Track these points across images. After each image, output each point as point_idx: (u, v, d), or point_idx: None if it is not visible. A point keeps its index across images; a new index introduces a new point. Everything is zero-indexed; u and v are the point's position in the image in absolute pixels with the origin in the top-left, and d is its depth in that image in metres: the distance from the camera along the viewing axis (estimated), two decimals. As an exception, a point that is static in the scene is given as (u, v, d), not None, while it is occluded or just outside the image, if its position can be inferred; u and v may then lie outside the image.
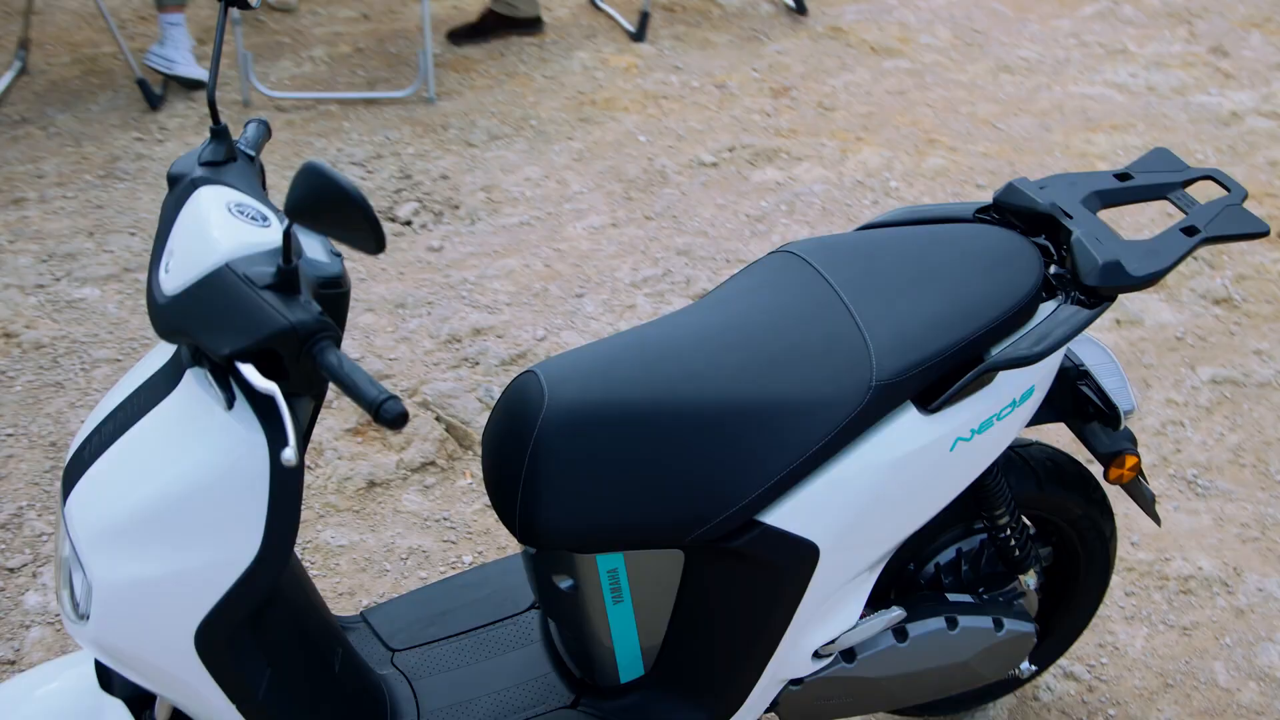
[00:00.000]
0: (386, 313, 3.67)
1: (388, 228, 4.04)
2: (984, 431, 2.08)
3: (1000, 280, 2.11)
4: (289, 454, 1.62)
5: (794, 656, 2.16)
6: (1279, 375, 3.45)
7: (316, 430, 3.30)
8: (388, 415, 1.57)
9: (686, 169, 4.27)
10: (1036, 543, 2.45)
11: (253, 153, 1.98)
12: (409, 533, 3.05)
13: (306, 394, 1.78)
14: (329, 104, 4.79)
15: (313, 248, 1.88)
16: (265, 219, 1.77)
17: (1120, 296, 3.66)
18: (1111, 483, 2.30)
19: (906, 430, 2.02)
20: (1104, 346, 2.36)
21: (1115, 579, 2.92)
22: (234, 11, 4.95)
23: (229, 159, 1.92)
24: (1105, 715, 2.67)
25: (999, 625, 2.32)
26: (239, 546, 1.79)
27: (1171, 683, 2.71)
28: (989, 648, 2.32)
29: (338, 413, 3.36)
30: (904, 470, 2.03)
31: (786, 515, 2.01)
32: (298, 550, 2.97)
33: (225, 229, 1.75)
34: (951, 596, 2.34)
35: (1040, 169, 4.20)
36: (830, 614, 2.16)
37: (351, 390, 1.61)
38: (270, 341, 1.66)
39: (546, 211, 4.10)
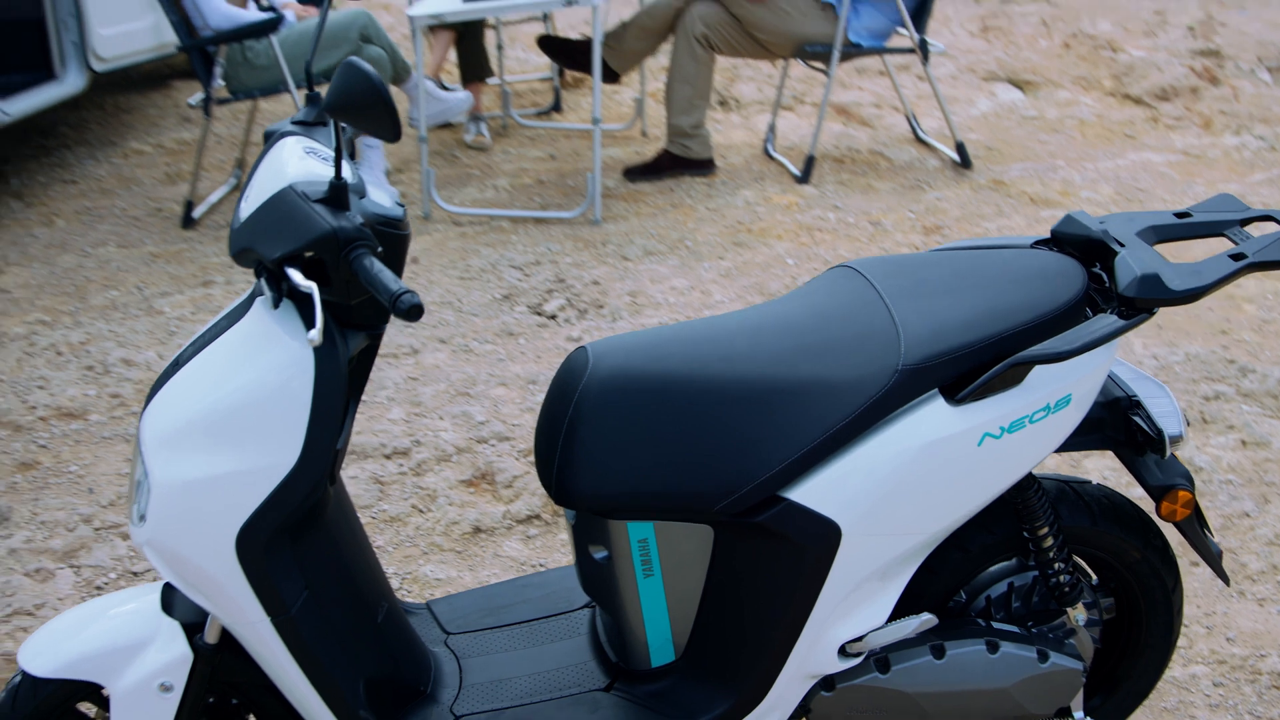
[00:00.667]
0: (518, 388, 3.86)
1: (534, 320, 4.27)
2: (1015, 432, 2.11)
3: (1038, 290, 2.17)
4: (314, 334, 1.80)
5: (820, 649, 2.18)
6: None
7: (430, 478, 3.48)
8: (403, 306, 1.75)
9: (828, 289, 4.39)
10: (1090, 584, 2.42)
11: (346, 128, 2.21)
12: (504, 574, 3.17)
13: (345, 300, 1.95)
14: (501, 220, 5.13)
15: (379, 195, 2.08)
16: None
17: (1249, 417, 3.61)
18: (1164, 518, 2.28)
19: (932, 418, 2.07)
20: (1160, 382, 2.37)
21: (1203, 669, 2.84)
22: (421, 129, 5.35)
23: (319, 123, 2.17)
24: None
25: (1043, 657, 2.29)
26: (281, 454, 1.95)
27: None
28: (1032, 677, 2.29)
29: (455, 466, 3.53)
30: (928, 458, 2.07)
31: (810, 492, 2.07)
32: (395, 583, 3.12)
33: (296, 163, 1.97)
34: (998, 625, 2.33)
35: (1192, 325, 4.19)
36: (857, 608, 2.18)
37: (377, 287, 1.79)
38: (315, 245, 1.86)
39: (685, 314, 4.28)
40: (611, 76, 5.70)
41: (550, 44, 5.76)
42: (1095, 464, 3.41)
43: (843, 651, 2.20)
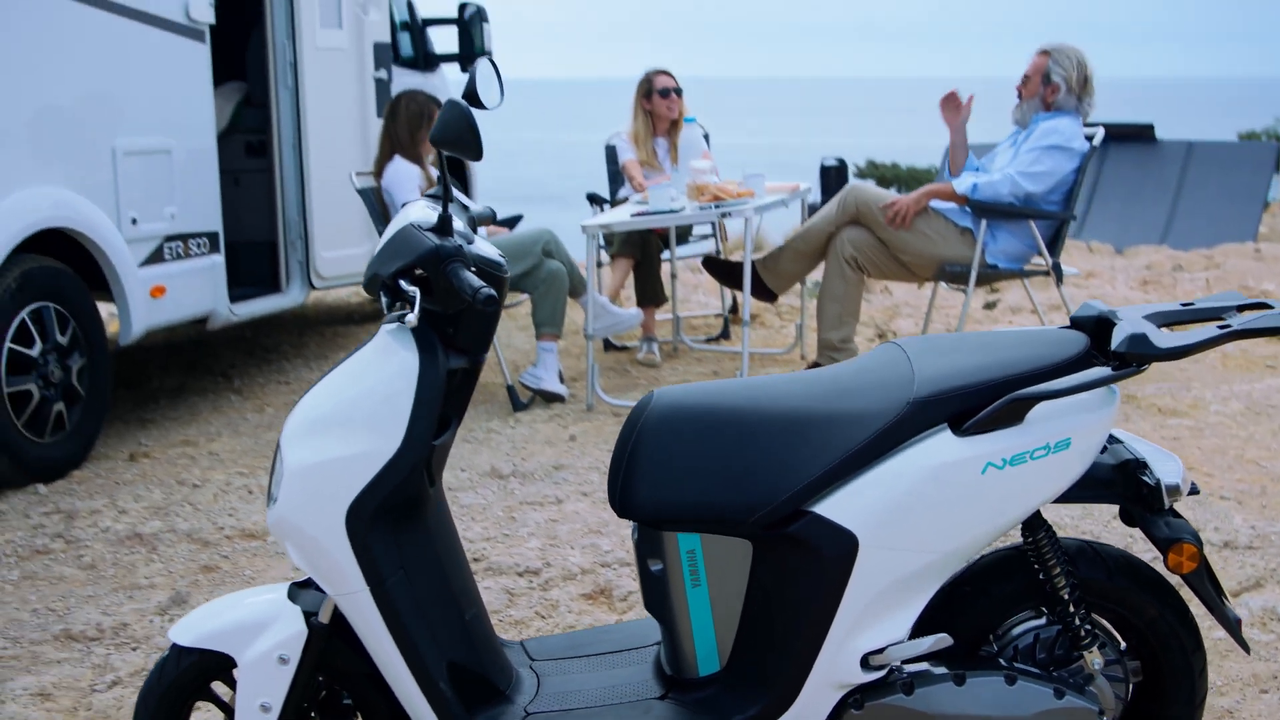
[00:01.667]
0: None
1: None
2: (1017, 465, 2.43)
3: (1041, 349, 2.53)
4: (411, 318, 2.29)
5: (844, 659, 2.47)
6: None
7: (554, 592, 3.85)
8: (481, 298, 2.24)
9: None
10: (1116, 646, 2.63)
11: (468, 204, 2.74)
12: (609, 668, 3.49)
13: (446, 309, 2.42)
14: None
15: (488, 248, 2.58)
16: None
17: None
18: (1171, 570, 2.52)
19: (939, 445, 2.42)
20: (1172, 454, 2.64)
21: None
22: (588, 327, 5.90)
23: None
24: None
25: (1060, 695, 2.52)
26: (386, 442, 2.42)
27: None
28: (1047, 712, 2.51)
29: (578, 583, 3.91)
30: (936, 480, 2.40)
31: (831, 506, 2.42)
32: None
33: (417, 211, 2.50)
34: (1020, 665, 2.57)
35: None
36: (877, 621, 2.47)
37: (464, 288, 2.27)
38: (421, 260, 2.36)
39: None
40: (769, 296, 6.21)
41: (713, 265, 6.33)
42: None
43: (866, 664, 2.47)
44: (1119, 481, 2.57)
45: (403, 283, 2.37)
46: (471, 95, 2.52)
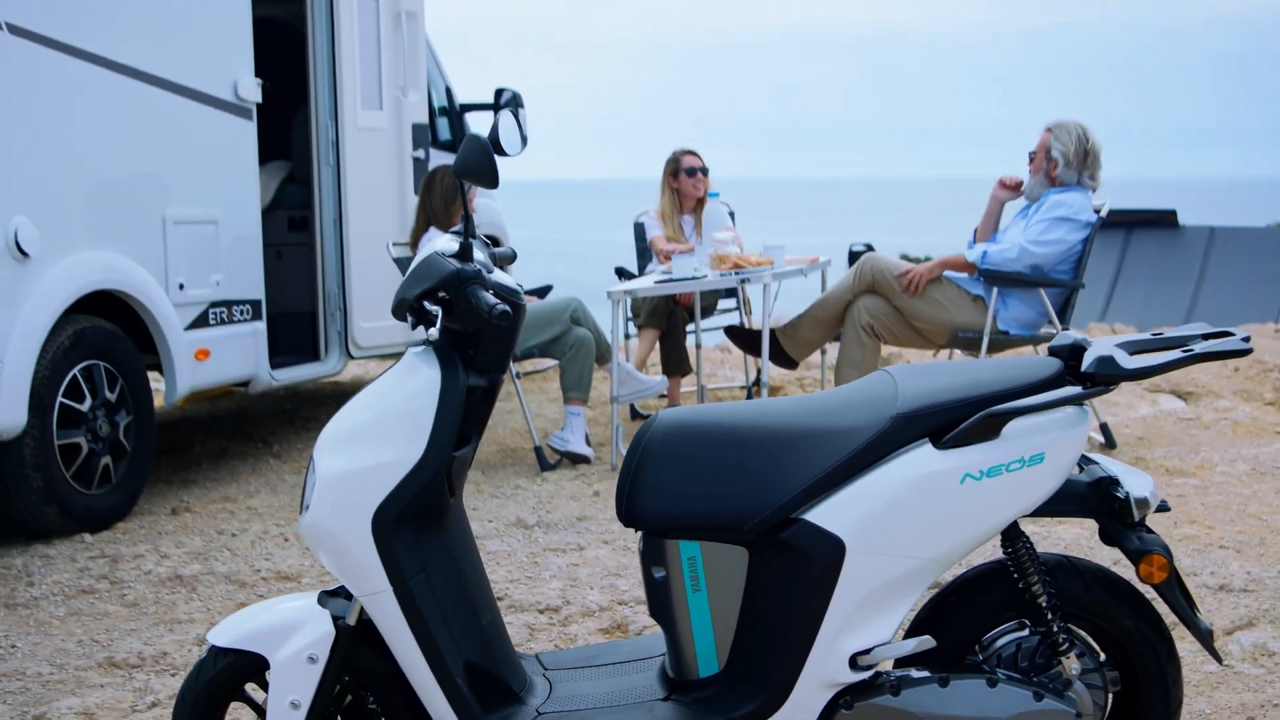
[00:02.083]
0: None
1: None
2: (994, 477, 2.62)
3: (1017, 372, 2.73)
4: (433, 332, 2.52)
5: (833, 659, 2.64)
6: None
7: (574, 627, 4.03)
8: (496, 315, 2.47)
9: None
10: (1096, 658, 2.78)
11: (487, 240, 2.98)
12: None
13: (467, 327, 2.64)
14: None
15: (506, 277, 2.81)
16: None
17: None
18: (1143, 580, 2.69)
19: (921, 457, 2.62)
20: (1144, 474, 2.82)
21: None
22: (614, 389, 6.11)
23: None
24: None
25: (1038, 697, 2.69)
26: (410, 451, 2.64)
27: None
28: (1026, 713, 2.67)
29: (596, 619, 4.08)
30: (917, 489, 2.60)
31: (819, 513, 2.62)
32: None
33: (443, 242, 2.74)
34: (1002, 671, 2.74)
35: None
36: (864, 623, 2.65)
37: (482, 307, 2.50)
38: (443, 282, 2.59)
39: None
40: (789, 363, 6.42)
41: (736, 333, 6.56)
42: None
43: (854, 664, 2.65)
44: (1092, 497, 2.75)
45: (427, 303, 2.61)
46: (495, 142, 2.77)
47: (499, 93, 8.70)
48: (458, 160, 2.62)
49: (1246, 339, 2.71)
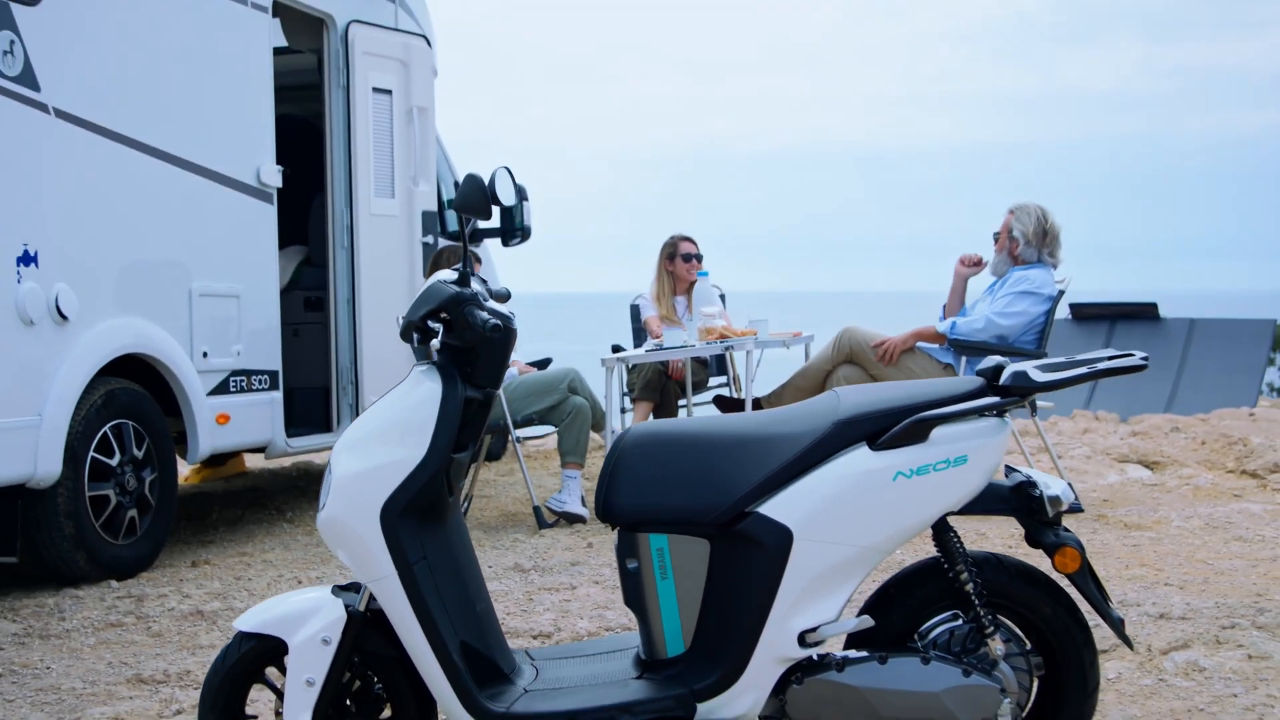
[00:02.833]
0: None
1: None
2: (922, 475, 3.01)
3: (946, 388, 3.13)
4: (435, 343, 2.93)
5: (784, 637, 3.02)
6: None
7: None
8: (488, 328, 2.88)
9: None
10: (1021, 645, 3.14)
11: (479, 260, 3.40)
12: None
13: (464, 342, 3.05)
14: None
15: (499, 306, 3.23)
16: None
17: (1257, 639, 4.16)
18: (1058, 570, 3.07)
19: (857, 458, 3.02)
20: (1062, 480, 3.20)
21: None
22: (612, 439, 6.51)
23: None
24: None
25: (967, 674, 3.05)
26: (414, 452, 3.04)
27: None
28: (956, 687, 3.03)
29: (585, 643, 4.43)
30: (854, 485, 3.00)
31: (770, 506, 3.02)
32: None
33: (444, 274, 3.17)
34: (935, 653, 3.10)
35: (1231, 589, 4.84)
36: (811, 604, 3.03)
37: (474, 324, 2.92)
38: (444, 304, 3.01)
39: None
40: (773, 431, 6.81)
41: (723, 402, 6.97)
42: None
43: (803, 641, 3.01)
44: (1013, 497, 3.13)
45: (430, 322, 3.03)
46: (491, 194, 3.20)
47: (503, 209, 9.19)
48: (457, 197, 3.05)
49: (1145, 357, 3.12)
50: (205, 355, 6.25)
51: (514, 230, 8.86)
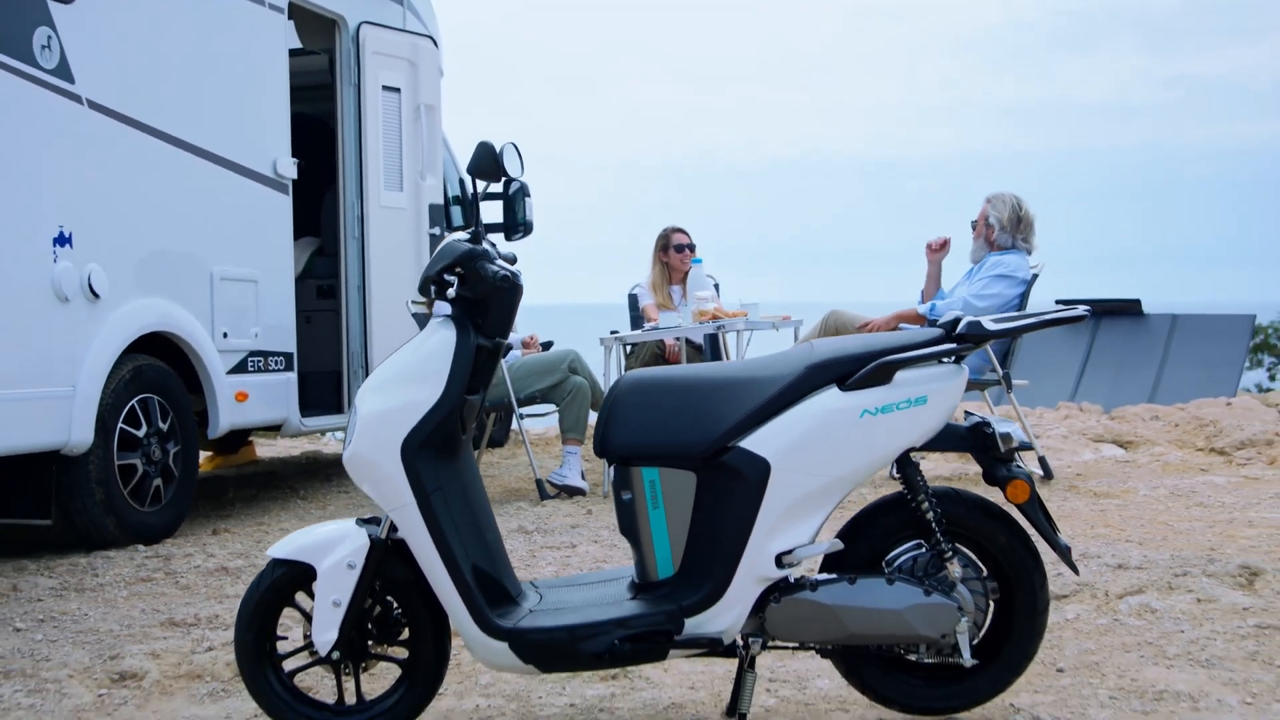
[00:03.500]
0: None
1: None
2: (887, 413, 3.36)
3: (907, 337, 3.48)
4: (450, 292, 3.28)
5: (763, 558, 3.36)
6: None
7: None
8: (498, 280, 3.24)
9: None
10: (979, 573, 3.48)
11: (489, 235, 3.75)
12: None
13: (476, 294, 3.40)
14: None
15: (507, 264, 3.58)
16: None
17: (1206, 585, 4.50)
18: (1010, 501, 3.42)
19: (828, 398, 3.37)
20: (1014, 423, 3.55)
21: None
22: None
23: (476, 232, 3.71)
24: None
25: (928, 593, 3.39)
26: (431, 393, 3.39)
27: None
28: (918, 605, 3.37)
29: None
30: (825, 422, 3.34)
31: (750, 441, 3.36)
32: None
33: (458, 234, 3.52)
34: (899, 576, 3.44)
35: (1187, 545, 5.19)
36: (787, 529, 3.37)
37: (485, 276, 3.27)
38: (458, 259, 3.37)
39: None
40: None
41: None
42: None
43: (779, 562, 3.36)
44: (969, 436, 3.48)
45: (445, 275, 3.38)
46: (500, 166, 3.55)
47: (508, 183, 9.56)
48: (470, 161, 3.41)
49: (1088, 310, 3.49)
50: (225, 336, 6.61)
51: (516, 225, 9.21)
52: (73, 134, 5.71)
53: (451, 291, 3.38)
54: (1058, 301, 14.56)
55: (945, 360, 3.42)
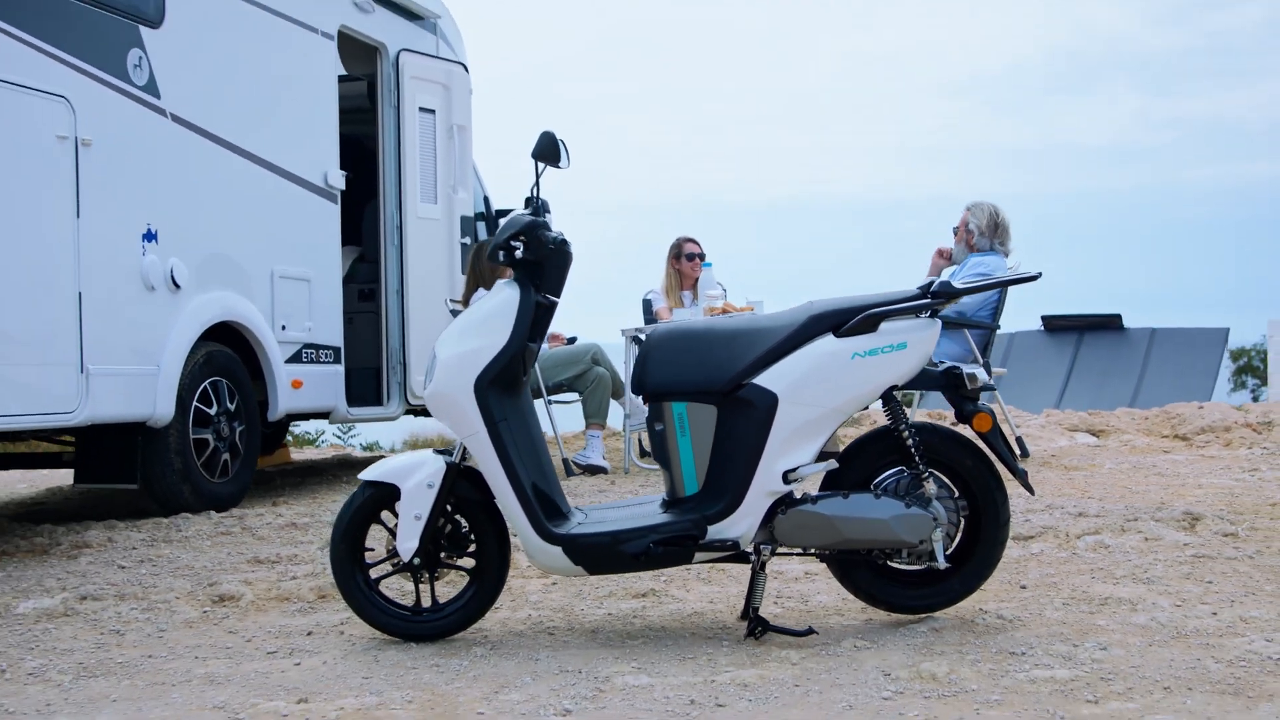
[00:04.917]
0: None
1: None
2: (873, 356, 4.09)
3: (891, 294, 4.21)
4: (518, 253, 4.02)
5: (772, 475, 4.07)
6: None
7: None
8: (556, 243, 3.98)
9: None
10: (952, 494, 4.19)
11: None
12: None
13: (537, 257, 4.13)
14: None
15: (561, 233, 4.31)
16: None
17: (1154, 527, 5.22)
18: (975, 431, 4.14)
19: (825, 344, 4.10)
20: (980, 368, 4.28)
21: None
22: (625, 409, 7.59)
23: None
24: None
25: (907, 506, 4.11)
26: (499, 339, 4.12)
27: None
28: (900, 515, 4.08)
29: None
30: (822, 363, 4.07)
31: (762, 379, 4.09)
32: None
33: (520, 209, 4.26)
34: (885, 494, 4.16)
35: (1141, 500, 5.91)
36: (792, 450, 4.08)
37: (545, 241, 4.01)
38: (522, 228, 4.11)
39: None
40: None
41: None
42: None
43: (785, 479, 4.07)
44: (941, 377, 4.21)
45: (512, 242, 4.12)
46: (560, 152, 4.28)
47: (529, 200, 10.30)
48: (535, 147, 4.15)
49: (1040, 273, 4.23)
50: (283, 328, 7.35)
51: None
52: (158, 143, 6.47)
53: (519, 253, 4.11)
54: (1043, 316, 15.44)
55: (922, 314, 4.15)
